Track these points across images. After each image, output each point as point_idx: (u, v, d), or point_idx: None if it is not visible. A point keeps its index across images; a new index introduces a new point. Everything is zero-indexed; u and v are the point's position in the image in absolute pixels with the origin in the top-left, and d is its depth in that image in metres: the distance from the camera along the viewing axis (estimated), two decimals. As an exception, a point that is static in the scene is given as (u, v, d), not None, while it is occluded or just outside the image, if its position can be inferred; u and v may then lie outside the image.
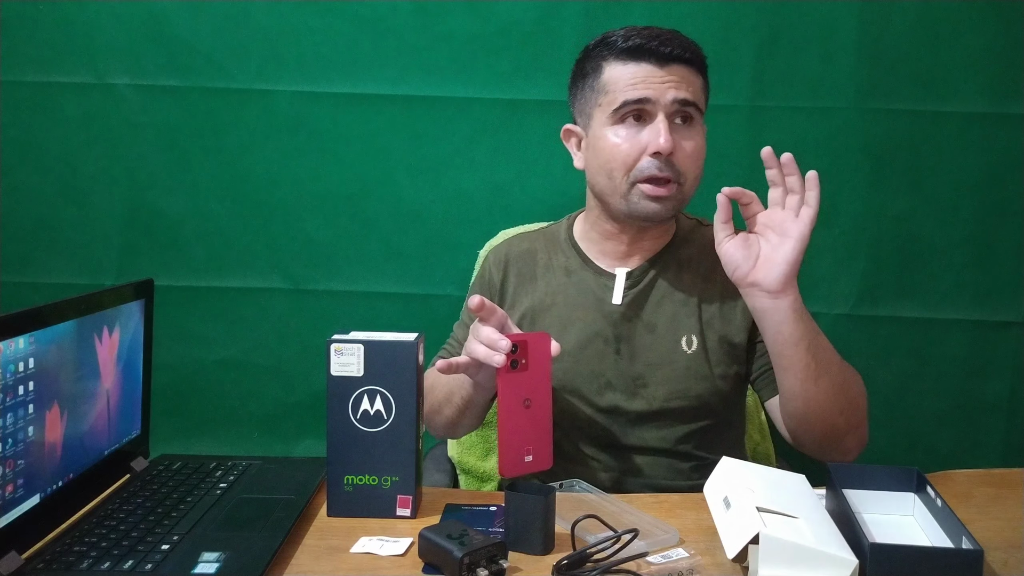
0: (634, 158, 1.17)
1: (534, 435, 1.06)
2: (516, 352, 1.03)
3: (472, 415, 1.21)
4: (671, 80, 1.16)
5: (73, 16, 1.67)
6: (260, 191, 1.72)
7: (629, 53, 1.17)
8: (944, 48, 1.64)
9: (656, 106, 1.16)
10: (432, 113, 1.69)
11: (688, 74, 1.18)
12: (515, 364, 1.03)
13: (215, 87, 1.69)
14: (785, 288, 1.08)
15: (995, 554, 0.92)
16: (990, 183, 1.67)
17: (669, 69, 1.17)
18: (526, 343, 1.04)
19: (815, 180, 1.08)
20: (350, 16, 1.67)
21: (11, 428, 0.87)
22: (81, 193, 1.72)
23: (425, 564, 0.90)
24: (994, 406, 1.72)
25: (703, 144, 1.21)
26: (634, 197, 1.18)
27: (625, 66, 1.18)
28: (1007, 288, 1.69)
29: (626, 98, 1.16)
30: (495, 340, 1.02)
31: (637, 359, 1.22)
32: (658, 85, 1.16)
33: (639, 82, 1.16)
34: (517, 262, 1.32)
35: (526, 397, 1.05)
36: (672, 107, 1.16)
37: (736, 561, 0.88)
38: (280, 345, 1.75)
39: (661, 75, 1.16)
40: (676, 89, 1.16)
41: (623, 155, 1.17)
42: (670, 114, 1.16)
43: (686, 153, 1.18)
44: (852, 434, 1.14)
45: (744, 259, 1.10)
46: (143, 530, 0.93)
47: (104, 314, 1.04)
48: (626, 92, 1.17)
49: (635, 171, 1.17)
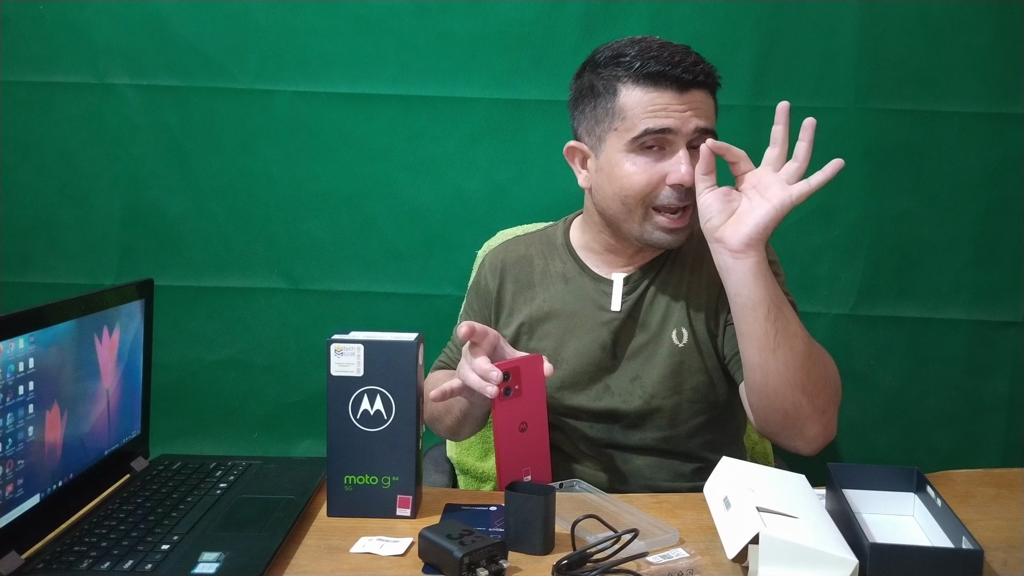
0: (653, 188, 1.15)
1: (531, 456, 1.07)
2: (508, 380, 1.03)
3: (471, 424, 1.22)
4: (691, 108, 1.13)
5: (73, 16, 1.67)
6: (260, 191, 1.72)
7: (649, 79, 1.13)
8: (944, 48, 1.64)
9: (677, 136, 1.13)
10: (432, 113, 1.69)
11: (705, 99, 1.16)
12: (508, 392, 1.04)
13: (215, 87, 1.69)
14: (747, 249, 1.06)
15: (995, 554, 0.92)
16: (990, 183, 1.67)
17: (689, 96, 1.13)
18: (518, 368, 1.05)
19: (810, 128, 1.07)
20: (350, 16, 1.67)
21: (11, 428, 0.87)
22: (81, 193, 1.72)
23: (425, 564, 0.90)
24: (994, 406, 1.72)
25: None
26: (648, 227, 1.17)
27: (645, 92, 1.13)
28: (1007, 288, 1.69)
29: (647, 127, 1.13)
30: (487, 371, 1.02)
31: (633, 360, 1.23)
32: (679, 114, 1.13)
33: (659, 110, 1.13)
34: (514, 268, 1.31)
35: (522, 422, 1.06)
36: (692, 135, 1.14)
37: (736, 561, 0.88)
38: (280, 345, 1.75)
39: (681, 103, 1.13)
40: (697, 118, 1.13)
41: (642, 185, 1.15)
42: (688, 142, 1.14)
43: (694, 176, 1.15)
44: (815, 419, 1.09)
45: (718, 212, 1.08)
46: (143, 530, 0.93)
47: (104, 314, 1.04)
48: (646, 121, 1.13)
49: (652, 199, 1.15)
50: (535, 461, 1.07)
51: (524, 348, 1.24)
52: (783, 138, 1.10)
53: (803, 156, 1.08)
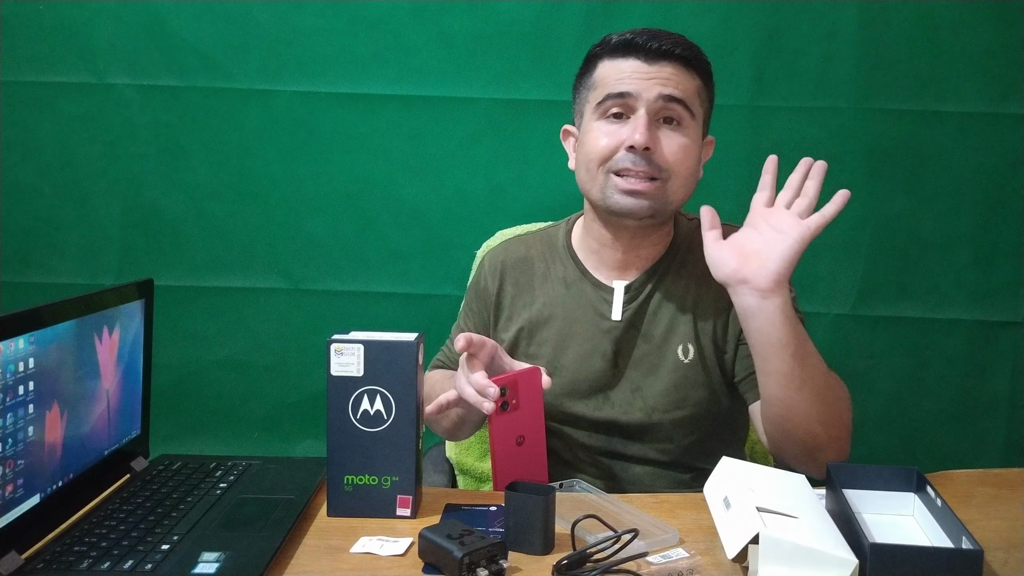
0: (611, 151, 1.14)
1: (529, 468, 1.07)
2: (506, 394, 1.03)
3: (469, 428, 1.21)
4: (658, 76, 1.13)
5: (73, 16, 1.67)
6: (260, 191, 1.72)
7: (619, 49, 1.15)
8: (944, 48, 1.64)
9: (638, 100, 1.13)
10: (432, 113, 1.69)
11: (679, 72, 1.14)
12: (505, 406, 1.03)
13: (215, 87, 1.69)
14: (776, 288, 1.04)
15: (995, 554, 0.92)
16: (990, 183, 1.67)
17: (658, 65, 1.13)
18: (516, 382, 1.04)
19: (821, 170, 1.07)
20: (350, 16, 1.67)
21: (11, 428, 0.87)
22: (81, 193, 1.72)
23: (425, 564, 0.90)
24: (994, 406, 1.72)
25: (692, 145, 1.16)
26: (608, 190, 1.15)
27: (613, 62, 1.16)
28: (1007, 288, 1.69)
29: (609, 91, 1.14)
30: (484, 387, 1.01)
31: (635, 371, 1.21)
32: (642, 80, 1.13)
33: (624, 77, 1.14)
34: (514, 271, 1.29)
35: (519, 435, 1.06)
36: (656, 103, 1.13)
37: (736, 561, 0.88)
38: (280, 345, 1.75)
39: (647, 70, 1.13)
40: (662, 85, 1.13)
41: (601, 148, 1.15)
42: (654, 111, 1.13)
43: (670, 151, 1.13)
44: (832, 447, 1.10)
45: (731, 256, 1.07)
46: (143, 530, 0.93)
47: (104, 314, 1.04)
48: (611, 86, 1.14)
49: (610, 163, 1.14)
50: (532, 475, 1.07)
51: (523, 353, 1.23)
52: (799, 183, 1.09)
53: (813, 193, 1.07)
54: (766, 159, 1.10)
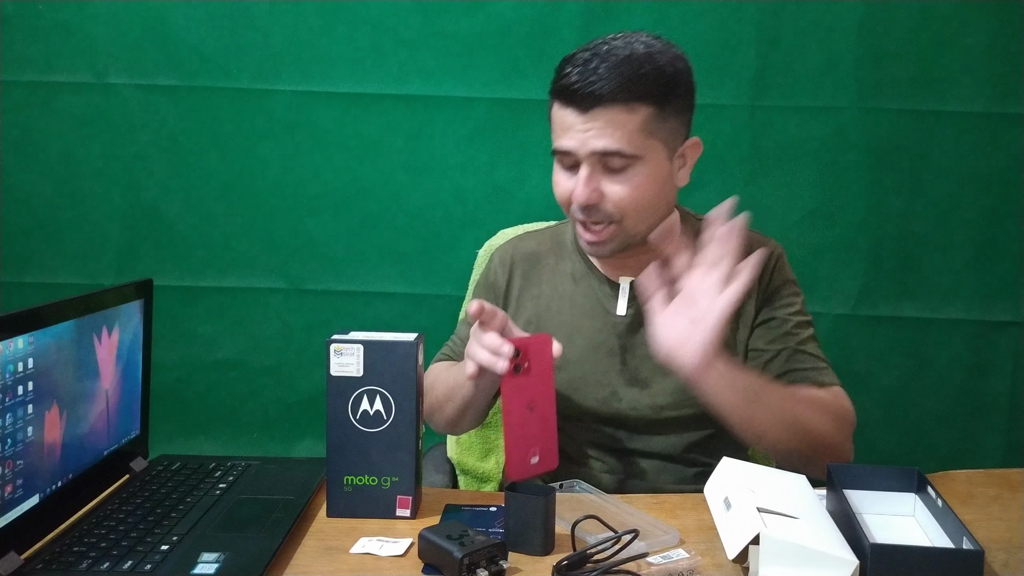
0: (566, 200, 1.15)
1: (539, 437, 1.06)
2: (518, 356, 1.02)
3: (473, 414, 1.21)
4: (592, 128, 1.08)
5: (73, 16, 1.67)
6: (260, 191, 1.72)
7: (560, 95, 1.10)
8: (944, 48, 1.64)
9: (579, 156, 1.10)
10: (432, 113, 1.69)
11: (617, 115, 1.08)
12: (518, 368, 1.03)
13: (215, 87, 1.69)
14: (704, 370, 1.03)
15: (996, 554, 0.92)
16: (990, 183, 1.67)
17: (592, 115, 1.08)
18: (528, 347, 1.04)
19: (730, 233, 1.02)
20: (350, 16, 1.67)
21: (10, 428, 0.87)
22: (81, 193, 1.72)
23: (425, 564, 0.90)
24: (994, 406, 1.72)
25: (644, 183, 1.12)
26: (578, 231, 1.17)
27: (557, 110, 1.12)
28: (1007, 288, 1.69)
29: (555, 147, 1.13)
30: (497, 346, 1.01)
31: (642, 368, 1.21)
32: (579, 135, 1.09)
33: (564, 130, 1.10)
34: (522, 264, 1.30)
35: (530, 400, 1.05)
36: (592, 158, 1.10)
37: (736, 562, 0.88)
38: (280, 345, 1.75)
39: (583, 123, 1.08)
40: (596, 139, 1.08)
41: (559, 196, 1.16)
42: (594, 163, 1.10)
43: (616, 199, 1.11)
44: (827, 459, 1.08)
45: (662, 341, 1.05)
46: (143, 530, 0.93)
47: (104, 314, 1.04)
48: (556, 139, 1.13)
49: (571, 210, 1.16)
50: (543, 443, 1.06)
51: None
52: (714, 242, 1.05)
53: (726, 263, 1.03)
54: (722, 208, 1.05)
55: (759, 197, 1.67)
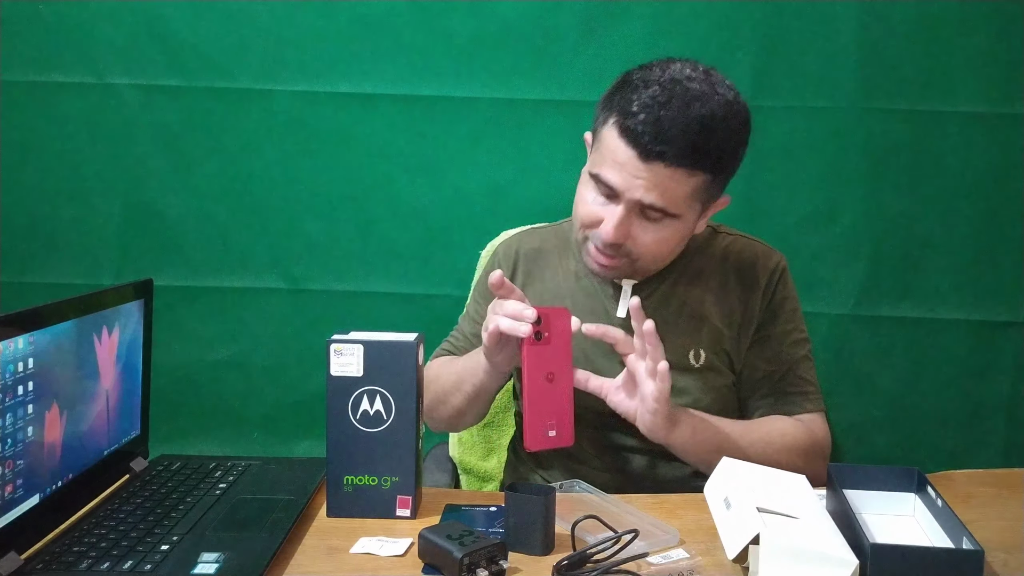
0: (590, 224, 1.15)
1: (557, 410, 1.06)
2: (540, 324, 1.03)
3: (480, 404, 1.21)
4: (645, 179, 1.08)
5: (73, 16, 1.67)
6: (260, 191, 1.72)
7: (626, 132, 1.09)
8: (944, 48, 1.64)
9: (621, 196, 1.11)
10: (432, 113, 1.69)
11: (675, 175, 1.08)
12: (539, 336, 1.03)
13: (215, 87, 1.69)
14: (664, 437, 1.09)
15: (996, 554, 0.92)
16: (990, 183, 1.67)
17: (650, 166, 1.08)
18: (548, 316, 1.04)
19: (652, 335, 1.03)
20: (350, 16, 1.67)
21: (10, 428, 0.87)
22: (81, 193, 1.72)
23: (425, 564, 0.90)
24: (994, 406, 1.72)
25: (673, 236, 1.15)
26: (584, 248, 1.18)
27: (616, 140, 1.10)
28: (1007, 288, 1.69)
29: (600, 172, 1.12)
30: (520, 310, 1.03)
31: None
32: (630, 178, 1.09)
33: (618, 165, 1.10)
34: (526, 259, 1.31)
35: (549, 371, 1.05)
36: (635, 204, 1.11)
37: (736, 562, 0.88)
38: (280, 345, 1.75)
39: (639, 169, 1.08)
40: (645, 190, 1.08)
41: (583, 214, 1.16)
42: (633, 206, 1.11)
43: (642, 244, 1.13)
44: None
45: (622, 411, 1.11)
46: (143, 530, 0.93)
47: (103, 314, 1.04)
48: (604, 167, 1.11)
49: (587, 232, 1.17)
50: (560, 417, 1.07)
51: None
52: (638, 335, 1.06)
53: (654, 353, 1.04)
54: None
55: (759, 197, 1.67)
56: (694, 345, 1.21)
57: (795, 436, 1.17)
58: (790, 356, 1.23)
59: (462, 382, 1.19)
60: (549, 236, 1.34)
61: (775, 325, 1.23)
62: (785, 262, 1.27)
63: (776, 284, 1.24)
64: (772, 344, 1.23)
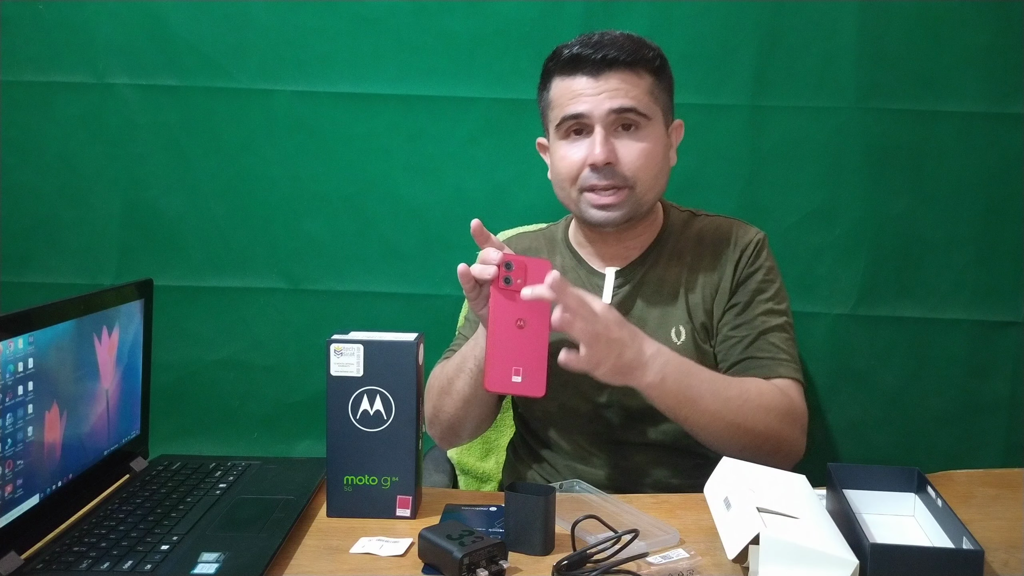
0: (577, 170, 1.19)
1: (526, 356, 1.02)
2: (512, 270, 1.02)
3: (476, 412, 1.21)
4: (606, 90, 1.16)
5: (73, 16, 1.67)
6: (260, 191, 1.72)
7: (567, 66, 1.18)
8: (944, 48, 1.64)
9: (592, 118, 1.17)
10: (432, 113, 1.69)
11: (627, 79, 1.17)
12: (509, 281, 1.02)
13: (215, 87, 1.69)
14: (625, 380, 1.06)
15: (996, 554, 0.92)
16: (990, 183, 1.67)
17: (604, 78, 1.16)
18: (526, 266, 1.02)
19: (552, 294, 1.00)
20: (350, 16, 1.67)
21: (10, 428, 0.87)
22: (81, 193, 1.72)
23: (425, 564, 0.90)
24: (994, 406, 1.72)
25: (654, 147, 1.19)
26: (583, 206, 1.21)
27: (564, 80, 1.19)
28: (1007, 288, 1.69)
29: (564, 114, 1.18)
30: (488, 254, 1.04)
31: None
32: (592, 97, 1.16)
33: (575, 97, 1.17)
34: None
35: (520, 317, 1.02)
36: (609, 117, 1.16)
37: (736, 562, 0.88)
38: (280, 345, 1.75)
39: (596, 86, 1.16)
40: (611, 99, 1.16)
41: (568, 168, 1.20)
42: (609, 124, 1.17)
43: (630, 159, 1.18)
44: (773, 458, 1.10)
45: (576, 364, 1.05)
46: (143, 530, 0.93)
47: (104, 314, 1.04)
48: (565, 107, 1.18)
49: (579, 181, 1.20)
50: (528, 364, 1.02)
51: None
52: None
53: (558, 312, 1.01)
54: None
55: (759, 197, 1.67)
56: (674, 323, 1.23)
57: (772, 397, 1.15)
58: (762, 324, 1.22)
59: (453, 383, 1.20)
60: (538, 236, 1.39)
61: (745, 294, 1.24)
62: (763, 237, 1.29)
63: (750, 256, 1.26)
64: (743, 312, 1.23)
